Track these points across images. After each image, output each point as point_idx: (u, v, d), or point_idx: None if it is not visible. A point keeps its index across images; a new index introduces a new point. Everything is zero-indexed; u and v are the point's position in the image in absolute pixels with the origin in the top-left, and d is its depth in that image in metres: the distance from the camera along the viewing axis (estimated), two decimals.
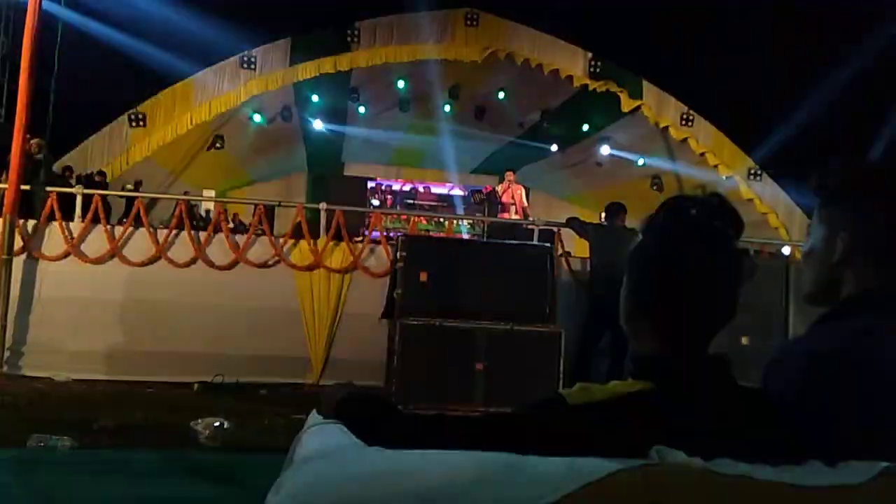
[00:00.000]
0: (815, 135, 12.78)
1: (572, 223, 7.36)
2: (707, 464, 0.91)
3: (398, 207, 15.78)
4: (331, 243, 7.56)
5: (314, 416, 1.21)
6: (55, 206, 7.17)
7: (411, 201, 16.40)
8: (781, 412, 1.05)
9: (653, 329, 1.10)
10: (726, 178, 13.15)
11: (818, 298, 1.23)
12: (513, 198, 10.56)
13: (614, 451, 0.94)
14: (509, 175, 10.84)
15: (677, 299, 1.07)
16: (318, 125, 15.11)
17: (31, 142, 7.98)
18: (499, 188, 11.02)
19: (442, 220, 13.61)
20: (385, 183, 17.06)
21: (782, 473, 0.93)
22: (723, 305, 1.08)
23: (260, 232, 7.68)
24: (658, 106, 12.99)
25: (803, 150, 12.64)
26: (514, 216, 10.38)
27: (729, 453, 0.94)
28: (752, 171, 13.31)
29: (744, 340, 5.26)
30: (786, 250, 9.99)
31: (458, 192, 16.89)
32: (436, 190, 17.04)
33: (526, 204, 10.81)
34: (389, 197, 16.83)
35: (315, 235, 7.68)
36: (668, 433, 0.95)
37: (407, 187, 17.00)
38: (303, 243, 7.54)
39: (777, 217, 13.22)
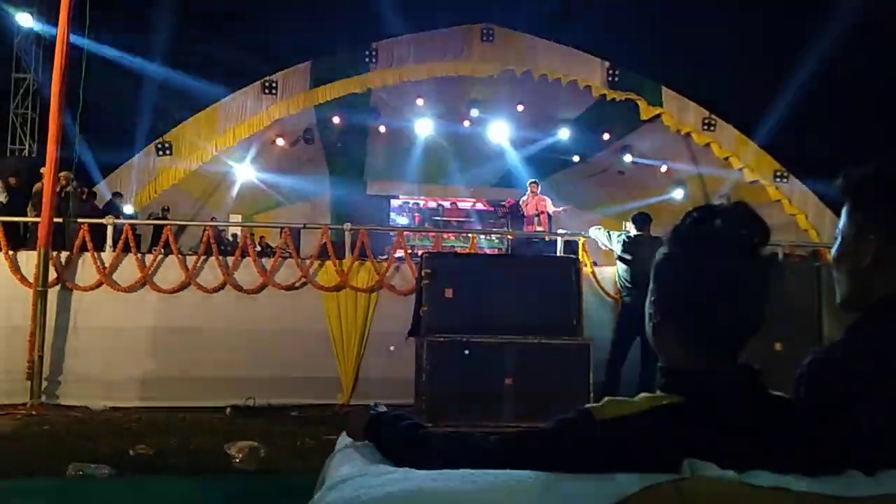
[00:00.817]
0: (844, 134, 12.58)
1: (597, 233, 7.31)
2: (741, 476, 0.90)
3: (426, 224, 15.85)
4: (356, 263, 7.61)
5: (344, 438, 1.22)
6: (87, 238, 7.32)
7: (438, 218, 16.47)
8: (816, 421, 1.03)
9: (681, 340, 1.08)
10: (751, 181, 12.96)
11: (851, 303, 1.20)
12: (537, 209, 10.52)
13: (646, 465, 0.93)
14: (533, 187, 10.80)
15: (705, 309, 1.06)
16: (339, 146, 15.28)
17: (60, 175, 8.18)
18: (522, 200, 10.98)
19: (468, 235, 13.63)
20: (412, 200, 17.19)
21: (819, 484, 0.91)
22: (751, 314, 1.07)
23: (286, 254, 7.77)
24: (679, 112, 12.91)
25: (831, 150, 12.45)
26: (538, 228, 10.34)
27: (763, 465, 0.93)
28: (779, 173, 13.11)
29: (777, 346, 5.15)
30: (817, 253, 9.80)
31: (482, 206, 16.93)
32: (463, 205, 17.10)
33: (555, 209, 10.72)
34: (417, 215, 16.93)
35: (340, 256, 7.74)
36: (700, 446, 0.94)
37: (433, 204, 17.10)
38: (329, 264, 7.60)
39: (806, 219, 12.99)
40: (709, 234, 1.07)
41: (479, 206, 16.85)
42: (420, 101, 13.89)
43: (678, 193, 15.31)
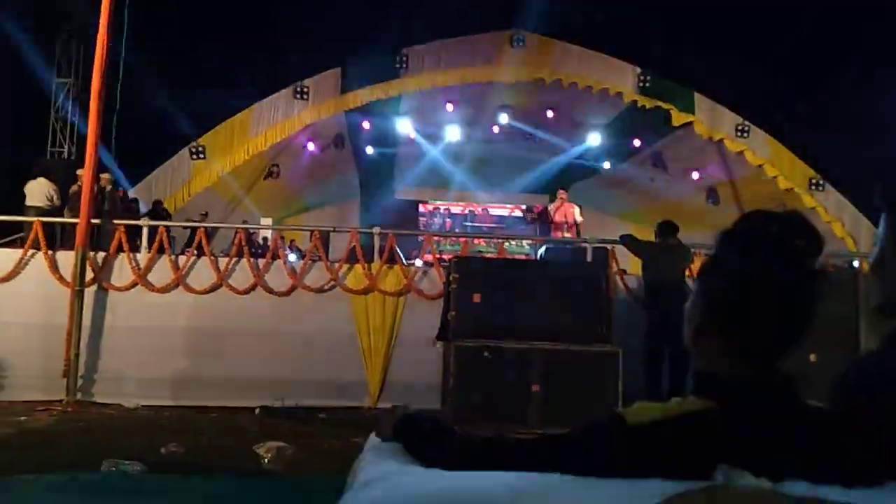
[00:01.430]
0: (883, 143, 12.30)
1: (625, 240, 7.24)
2: (775, 485, 0.88)
3: (457, 230, 15.88)
4: (384, 267, 7.65)
5: (373, 439, 1.23)
6: (123, 239, 7.48)
7: (469, 224, 16.49)
8: (853, 431, 1.01)
9: (723, 346, 1.07)
10: (786, 189, 12.71)
11: (888, 311, 1.18)
12: (566, 216, 10.46)
13: (677, 472, 0.92)
14: (562, 193, 10.74)
15: (753, 317, 1.04)
16: (369, 151, 15.40)
17: (102, 176, 8.38)
18: (551, 207, 10.93)
19: (497, 240, 13.62)
20: (443, 206, 17.25)
21: (857, 495, 0.90)
22: (798, 326, 1.05)
23: (316, 257, 7.84)
24: (711, 119, 12.72)
25: (869, 158, 12.17)
26: (566, 234, 10.28)
27: (798, 474, 0.91)
28: (814, 181, 12.85)
29: (812, 357, 5.05)
30: (855, 263, 9.58)
31: (516, 213, 16.89)
32: (494, 212, 17.10)
33: (581, 219, 10.68)
34: (449, 220, 16.97)
35: (369, 259, 7.79)
36: (734, 453, 0.93)
37: (464, 209, 17.15)
38: (357, 267, 7.66)
39: (843, 227, 12.71)
40: (763, 240, 1.05)
41: (511, 212, 16.82)
42: (450, 107, 13.93)
43: (709, 200, 15.12)
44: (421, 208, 17.39)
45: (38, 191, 9.36)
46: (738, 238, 1.08)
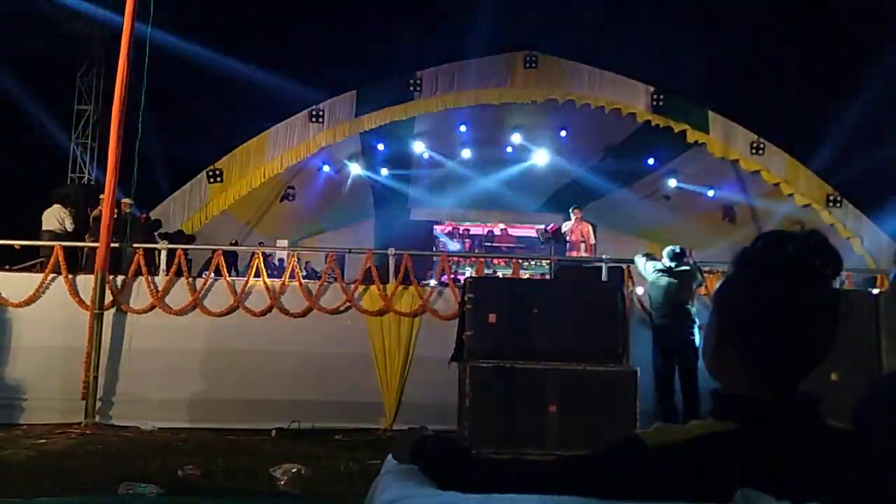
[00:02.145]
0: None
1: (639, 260, 7.21)
2: None
3: (476, 250, 15.87)
4: (400, 287, 7.67)
5: (389, 461, 1.23)
6: (142, 262, 7.56)
7: (489, 244, 16.48)
8: (875, 453, 0.99)
9: (743, 366, 1.06)
10: (803, 206, 12.59)
11: None
12: (582, 235, 10.44)
13: (698, 495, 0.91)
14: (576, 212, 10.73)
15: (772, 336, 1.04)
16: (384, 172, 15.51)
17: (122, 201, 8.50)
18: (565, 226, 10.91)
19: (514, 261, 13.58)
20: (462, 226, 17.26)
21: None
22: (818, 346, 1.04)
23: (332, 279, 7.87)
24: (726, 136, 12.67)
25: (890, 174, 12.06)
26: (583, 254, 10.25)
27: (819, 496, 0.90)
28: (832, 198, 12.72)
29: (833, 377, 4.97)
30: (874, 282, 9.45)
31: (530, 232, 16.85)
32: (514, 232, 17.08)
33: (593, 241, 10.67)
34: (468, 241, 16.97)
35: (384, 280, 7.81)
36: (754, 475, 0.92)
37: (484, 229, 17.14)
38: (373, 288, 7.67)
39: (861, 243, 12.55)
40: (781, 260, 1.05)
41: (528, 232, 16.75)
42: (463, 128, 14.01)
43: (725, 219, 15.02)
44: (438, 229, 17.42)
45: (51, 216, 9.55)
46: (755, 258, 1.08)
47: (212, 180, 11.68)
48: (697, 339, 6.40)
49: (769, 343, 1.04)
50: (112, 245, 7.50)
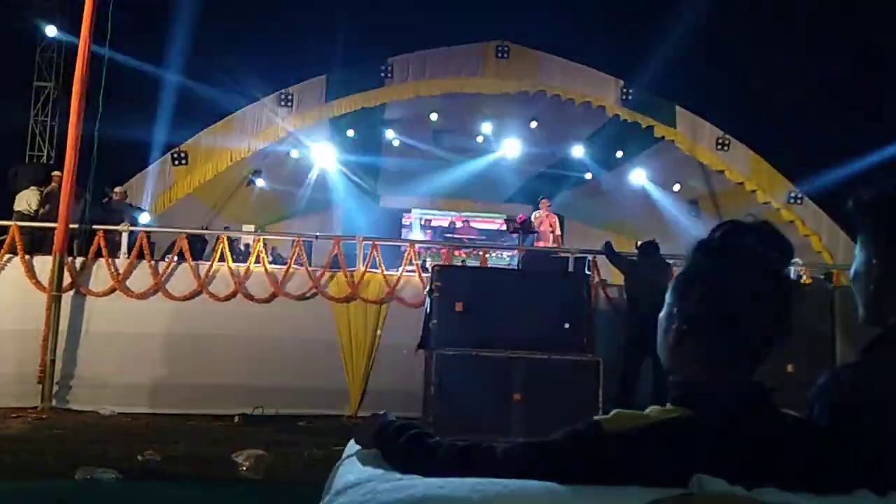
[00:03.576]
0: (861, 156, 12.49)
1: (607, 247, 7.32)
2: (749, 493, 0.89)
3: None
4: (366, 274, 7.63)
5: (352, 446, 1.22)
6: (102, 244, 7.39)
7: (450, 235, 16.48)
8: (827, 440, 1.02)
9: (699, 354, 1.08)
10: (764, 203, 12.86)
11: (869, 321, 1.20)
12: (550, 226, 10.51)
13: (653, 479, 0.93)
14: (544, 203, 10.79)
15: (727, 325, 1.06)
16: (353, 159, 15.38)
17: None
18: (534, 216, 10.96)
19: (478, 252, 13.62)
20: (424, 217, 17.24)
21: (828, 502, 0.91)
22: (771, 332, 1.07)
23: (298, 264, 7.80)
24: (693, 131, 12.86)
25: (848, 171, 12.36)
26: (550, 245, 10.32)
27: (772, 482, 0.93)
28: (793, 196, 13.02)
29: (789, 368, 5.11)
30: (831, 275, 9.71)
31: (496, 226, 16.90)
32: (476, 225, 17.11)
33: (559, 232, 10.76)
34: (429, 231, 16.95)
35: (352, 267, 7.77)
36: (709, 461, 0.94)
37: (445, 222, 17.14)
38: (339, 275, 7.63)
39: (820, 240, 12.88)
40: (738, 249, 1.07)
41: (500, 226, 16.80)
42: (434, 116, 13.95)
43: (691, 214, 15.28)
44: (404, 219, 17.38)
45: (22, 199, 9.28)
46: (712, 249, 1.10)
47: (176, 163, 11.45)
48: None
49: (726, 332, 1.06)
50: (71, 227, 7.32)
